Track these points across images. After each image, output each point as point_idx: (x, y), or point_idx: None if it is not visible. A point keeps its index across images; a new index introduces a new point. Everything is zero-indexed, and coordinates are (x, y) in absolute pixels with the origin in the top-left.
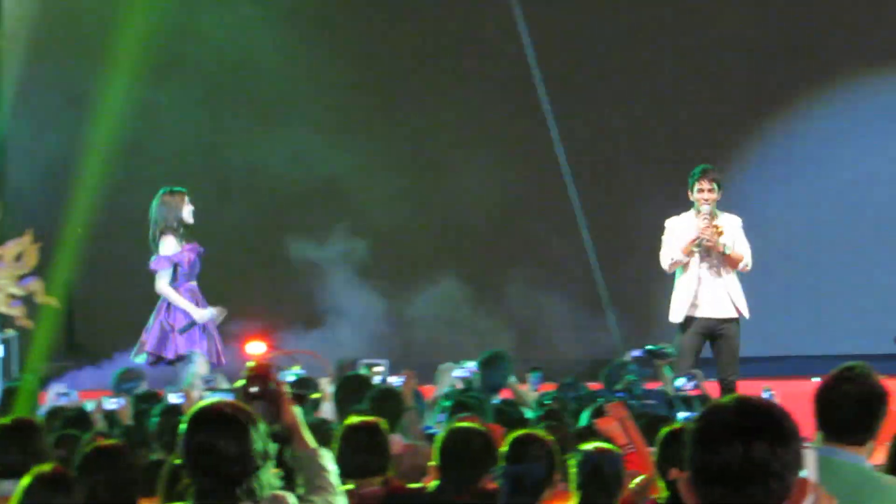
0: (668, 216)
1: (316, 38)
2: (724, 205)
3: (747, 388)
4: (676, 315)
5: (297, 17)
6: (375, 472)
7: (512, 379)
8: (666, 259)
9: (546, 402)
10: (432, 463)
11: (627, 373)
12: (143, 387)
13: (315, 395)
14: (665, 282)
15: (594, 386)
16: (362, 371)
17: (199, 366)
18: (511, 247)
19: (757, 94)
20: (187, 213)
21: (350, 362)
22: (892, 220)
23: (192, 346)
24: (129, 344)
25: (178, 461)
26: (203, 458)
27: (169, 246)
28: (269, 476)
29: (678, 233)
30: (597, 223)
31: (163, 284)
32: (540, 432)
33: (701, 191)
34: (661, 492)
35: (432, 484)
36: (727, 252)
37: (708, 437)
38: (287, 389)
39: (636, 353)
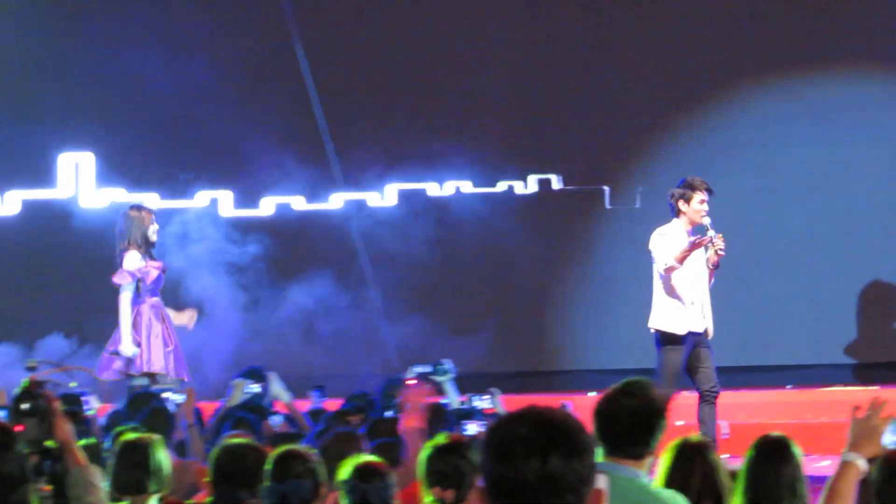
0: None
1: None
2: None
3: (545, 400)
4: (680, 327)
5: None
6: (150, 489)
7: (287, 396)
8: (664, 264)
9: (321, 419)
10: (206, 479)
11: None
12: None
13: (91, 412)
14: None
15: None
16: (151, 389)
17: None
18: (375, 260)
19: (643, 111)
20: (152, 231)
21: (141, 385)
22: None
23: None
24: None
25: None
26: None
27: (132, 261)
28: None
29: (671, 242)
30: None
31: (124, 300)
32: (303, 448)
33: (703, 202)
34: None
35: (206, 501)
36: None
37: (503, 450)
38: (60, 406)
39: (419, 368)
